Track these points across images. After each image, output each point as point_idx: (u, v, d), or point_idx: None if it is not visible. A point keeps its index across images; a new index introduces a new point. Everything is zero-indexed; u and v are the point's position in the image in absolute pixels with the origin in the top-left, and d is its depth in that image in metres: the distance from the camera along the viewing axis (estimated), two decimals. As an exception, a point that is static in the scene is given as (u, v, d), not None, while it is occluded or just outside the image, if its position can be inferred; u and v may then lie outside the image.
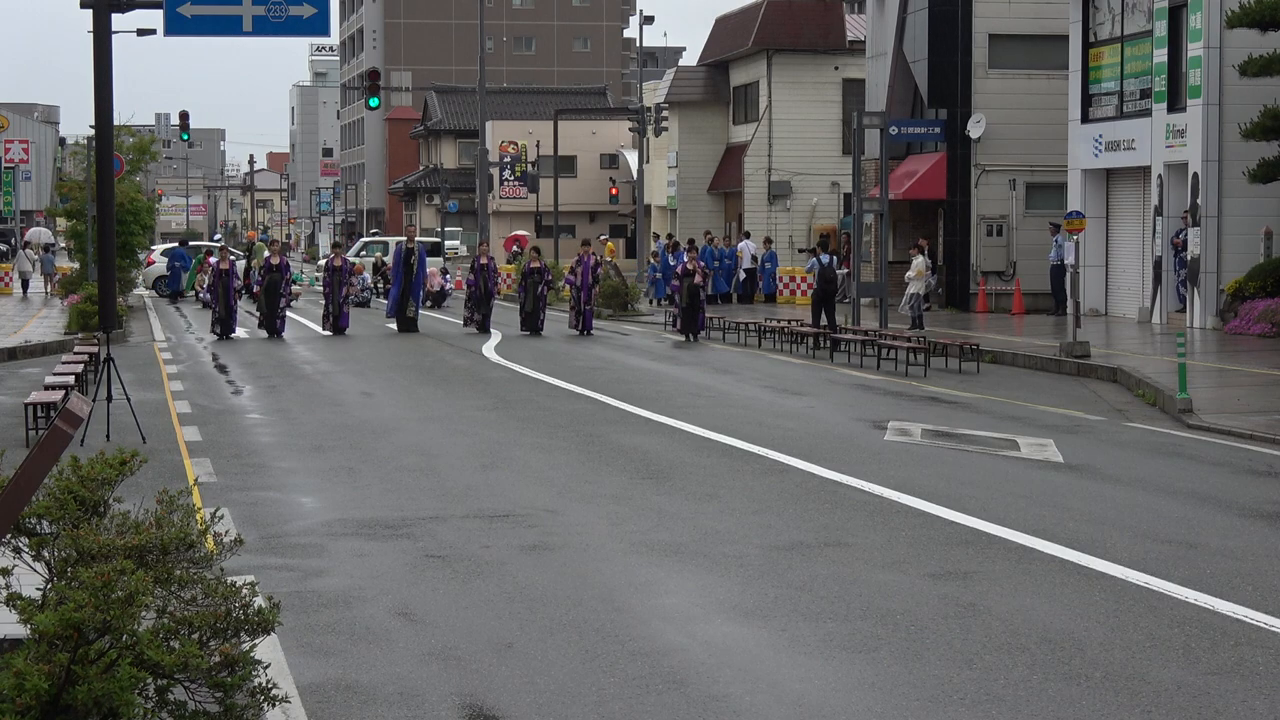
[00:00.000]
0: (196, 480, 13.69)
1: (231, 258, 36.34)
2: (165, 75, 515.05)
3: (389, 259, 52.68)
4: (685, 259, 33.62)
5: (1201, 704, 7.57)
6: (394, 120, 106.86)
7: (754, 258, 46.22)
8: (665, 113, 55.11)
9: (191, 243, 65.83)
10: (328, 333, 34.05)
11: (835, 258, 34.01)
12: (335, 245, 39.73)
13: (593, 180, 75.68)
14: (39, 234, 66.50)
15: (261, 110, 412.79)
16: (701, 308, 32.87)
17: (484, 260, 35.17)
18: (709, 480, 14.16)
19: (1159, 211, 33.05)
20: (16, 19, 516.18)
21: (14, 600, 6.34)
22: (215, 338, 32.99)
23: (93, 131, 23.75)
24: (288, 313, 34.62)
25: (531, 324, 34.21)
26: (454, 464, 15.29)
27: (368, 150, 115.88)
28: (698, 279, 32.75)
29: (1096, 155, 35.46)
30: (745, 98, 54.94)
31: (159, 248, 60.68)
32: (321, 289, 38.26)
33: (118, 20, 22.34)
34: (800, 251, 48.59)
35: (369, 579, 10.25)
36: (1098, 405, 20.53)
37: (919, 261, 33.10)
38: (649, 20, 61.70)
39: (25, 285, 51.66)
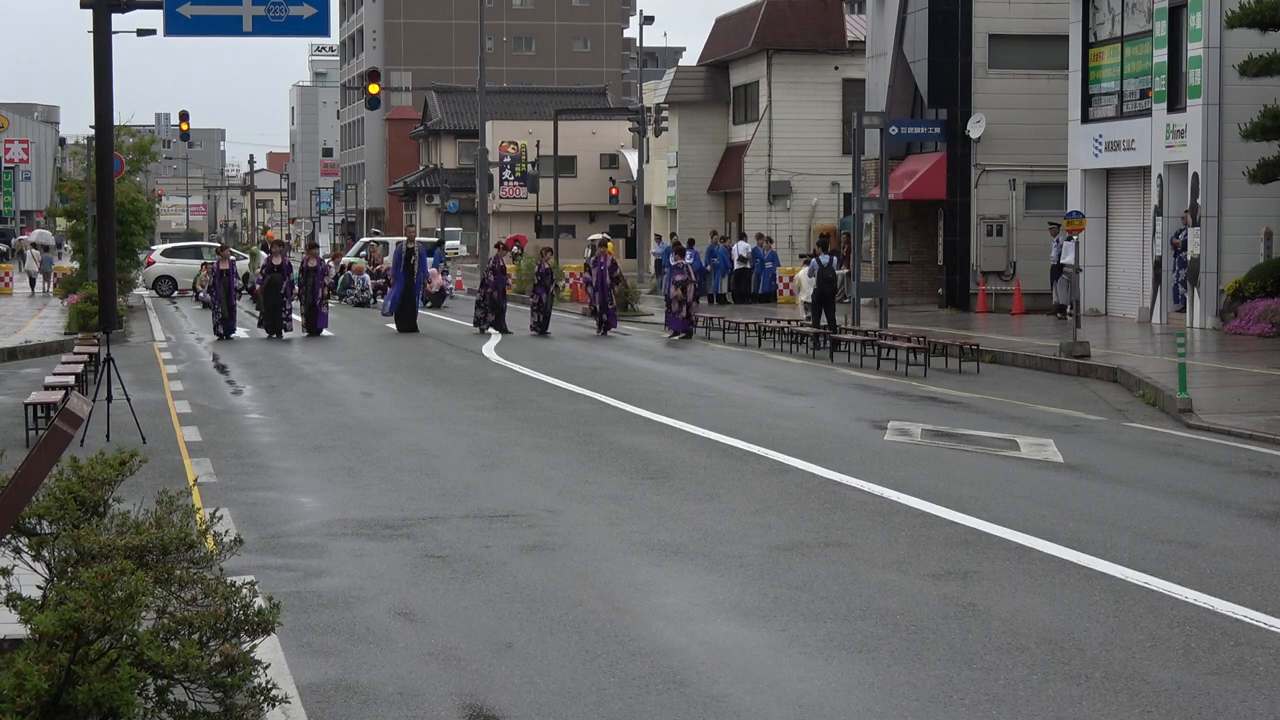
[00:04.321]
0: (196, 480, 13.69)
1: (232, 258, 36.28)
2: (165, 75, 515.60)
3: (387, 259, 52.72)
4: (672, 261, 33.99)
5: (1201, 704, 7.58)
6: (394, 120, 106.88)
7: (741, 257, 46.12)
8: (665, 113, 55.12)
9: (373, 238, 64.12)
10: (304, 333, 33.95)
11: (835, 258, 34.00)
12: (311, 246, 39.59)
13: (593, 180, 75.68)
14: (43, 235, 66.76)
15: (261, 110, 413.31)
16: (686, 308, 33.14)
17: (502, 262, 35.33)
18: (709, 480, 14.16)
19: (1159, 211, 33.05)
20: (16, 19, 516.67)
21: (14, 600, 6.34)
22: (217, 338, 32.97)
23: (93, 131, 23.75)
24: (295, 315, 34.58)
25: (543, 325, 34.25)
26: (454, 464, 15.29)
27: (368, 150, 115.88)
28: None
29: (1096, 155, 35.46)
30: (745, 98, 54.94)
31: (159, 248, 60.69)
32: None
33: (118, 20, 22.36)
34: (801, 257, 48.57)
35: (369, 579, 10.25)
36: (1098, 405, 20.52)
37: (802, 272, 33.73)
38: (649, 20, 61.72)
39: (33, 283, 52.45)
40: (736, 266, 45.98)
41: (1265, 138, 29.14)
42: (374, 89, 46.61)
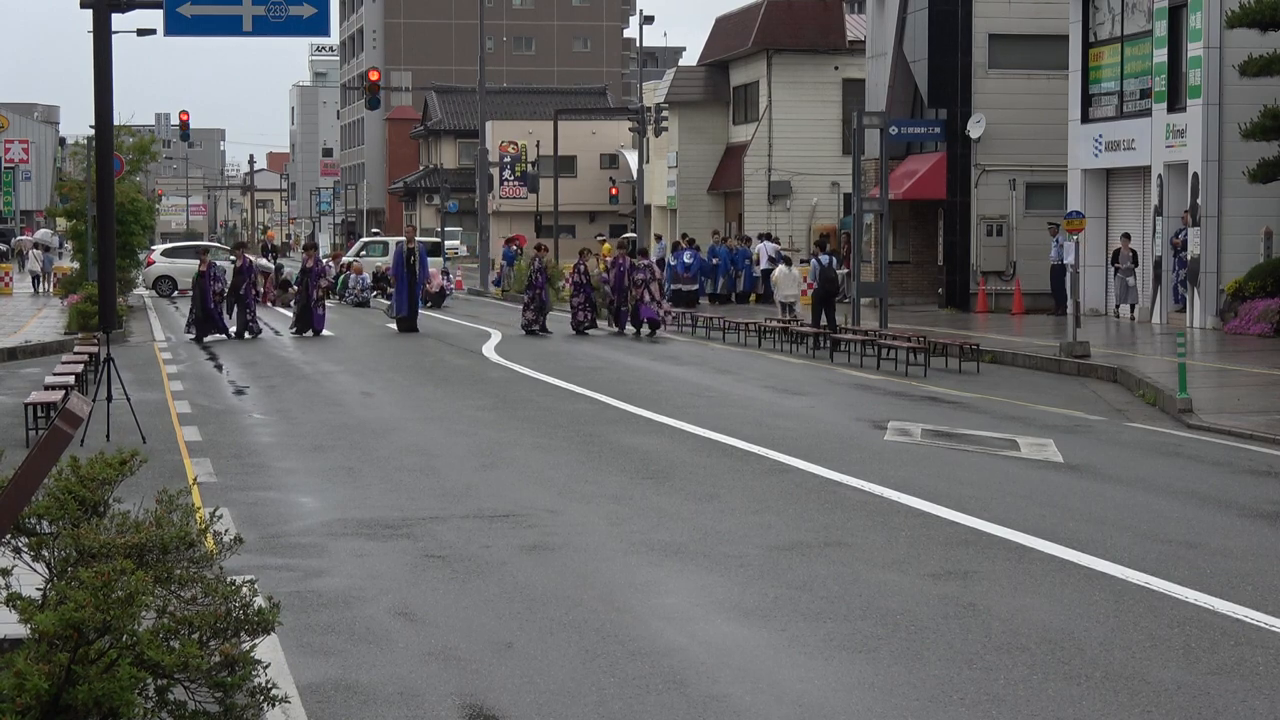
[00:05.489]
0: (196, 480, 13.68)
1: (216, 261, 36.06)
2: (165, 75, 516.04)
3: (381, 261, 52.74)
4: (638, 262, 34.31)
5: (1201, 704, 7.57)
6: (394, 120, 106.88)
7: (771, 258, 45.80)
8: (665, 113, 55.10)
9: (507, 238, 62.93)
10: (293, 333, 33.83)
11: (835, 258, 33.99)
12: (308, 247, 39.52)
13: (593, 180, 75.69)
14: (45, 236, 66.88)
15: (261, 110, 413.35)
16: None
17: (544, 262, 35.18)
18: (709, 480, 14.16)
19: (1159, 211, 33.04)
20: (16, 19, 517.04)
21: (14, 600, 6.34)
22: (190, 338, 32.92)
23: (93, 131, 23.75)
24: (259, 311, 34.53)
25: (592, 324, 34.26)
26: (454, 464, 15.30)
27: (368, 150, 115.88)
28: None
29: (1096, 155, 35.45)
30: (745, 98, 54.94)
31: (159, 248, 60.70)
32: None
33: (118, 20, 22.36)
34: (802, 263, 48.50)
35: (369, 579, 10.25)
36: (1098, 405, 20.52)
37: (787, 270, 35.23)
38: (649, 20, 61.68)
39: (36, 283, 52.87)
40: (765, 267, 45.70)
41: (1265, 138, 29.14)
42: (374, 75, 46.83)
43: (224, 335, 33.12)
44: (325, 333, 33.99)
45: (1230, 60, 30.45)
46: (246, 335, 33.12)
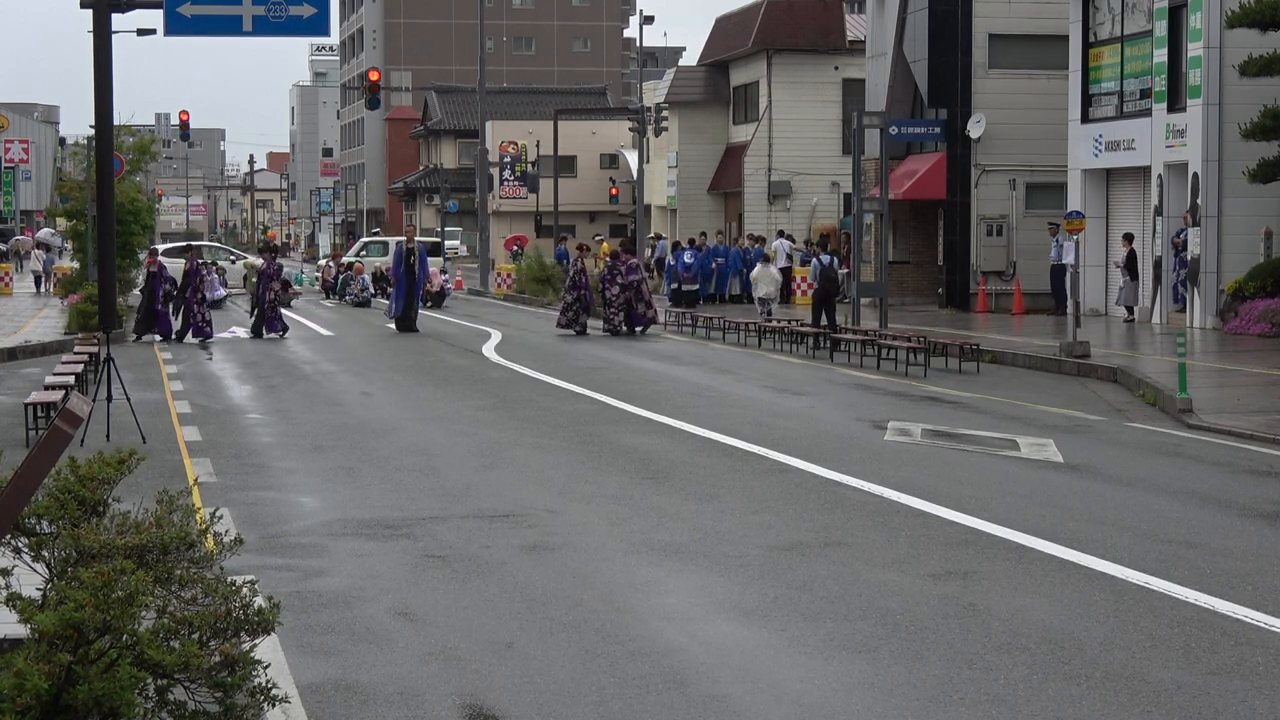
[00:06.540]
0: (196, 480, 13.67)
1: (162, 260, 35.91)
2: (165, 75, 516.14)
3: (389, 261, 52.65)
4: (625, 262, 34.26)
5: (1201, 704, 7.58)
6: (394, 120, 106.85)
7: (789, 257, 45.64)
8: (665, 113, 55.10)
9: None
10: (250, 336, 33.61)
11: (835, 258, 33.98)
12: (263, 249, 39.29)
13: (593, 180, 75.63)
14: (46, 235, 66.94)
15: (261, 110, 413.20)
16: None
17: (584, 263, 34.99)
18: (709, 480, 14.16)
19: (1159, 211, 33.04)
20: (16, 19, 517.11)
21: (14, 600, 6.34)
22: (135, 338, 32.89)
23: (93, 131, 23.76)
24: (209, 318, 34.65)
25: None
26: (454, 464, 15.30)
27: (368, 150, 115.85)
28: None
29: (1096, 155, 35.45)
30: (745, 98, 54.94)
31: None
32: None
33: (118, 20, 22.37)
34: (804, 263, 48.47)
35: (369, 579, 10.25)
36: (1098, 405, 20.52)
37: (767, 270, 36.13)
38: (649, 20, 61.63)
39: (38, 283, 53.05)
40: (783, 264, 45.54)
41: (1265, 138, 29.14)
42: (374, 75, 46.91)
43: (166, 336, 32.85)
44: (325, 333, 33.94)
45: (1230, 60, 30.46)
46: (195, 338, 32.80)
